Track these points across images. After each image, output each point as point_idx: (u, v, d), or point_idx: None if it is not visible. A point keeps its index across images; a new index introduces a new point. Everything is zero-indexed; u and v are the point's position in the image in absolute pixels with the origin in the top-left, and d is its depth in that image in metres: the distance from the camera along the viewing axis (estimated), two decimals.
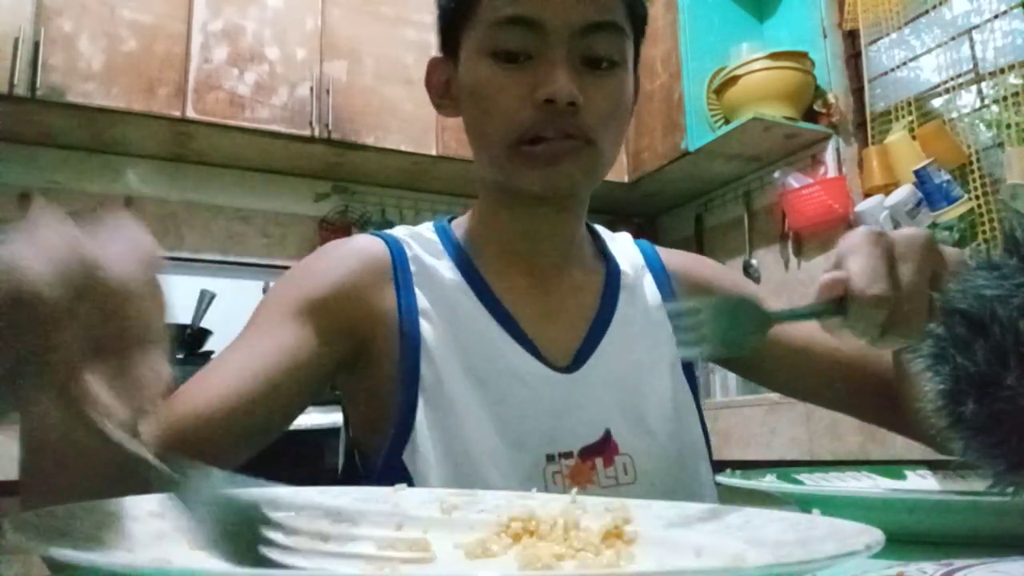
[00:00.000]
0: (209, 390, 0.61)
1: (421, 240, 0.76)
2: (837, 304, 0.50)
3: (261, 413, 0.63)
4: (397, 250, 0.74)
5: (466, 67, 0.71)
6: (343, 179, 2.88)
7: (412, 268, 0.73)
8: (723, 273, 0.88)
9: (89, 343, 0.29)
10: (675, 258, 0.86)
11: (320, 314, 0.68)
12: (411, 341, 0.69)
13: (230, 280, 2.64)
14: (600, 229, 0.86)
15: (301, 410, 0.69)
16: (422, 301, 0.71)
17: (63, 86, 2.21)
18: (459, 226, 0.80)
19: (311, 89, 2.51)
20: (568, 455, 0.69)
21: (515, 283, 0.75)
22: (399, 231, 0.78)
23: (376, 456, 0.70)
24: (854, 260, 0.51)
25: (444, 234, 0.78)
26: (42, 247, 0.28)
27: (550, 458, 0.68)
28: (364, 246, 0.74)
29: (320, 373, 0.69)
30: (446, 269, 0.74)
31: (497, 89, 0.68)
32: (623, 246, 0.84)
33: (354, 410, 0.77)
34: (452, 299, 0.72)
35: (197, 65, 2.39)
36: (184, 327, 2.27)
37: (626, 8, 0.70)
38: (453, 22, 0.73)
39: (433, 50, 0.79)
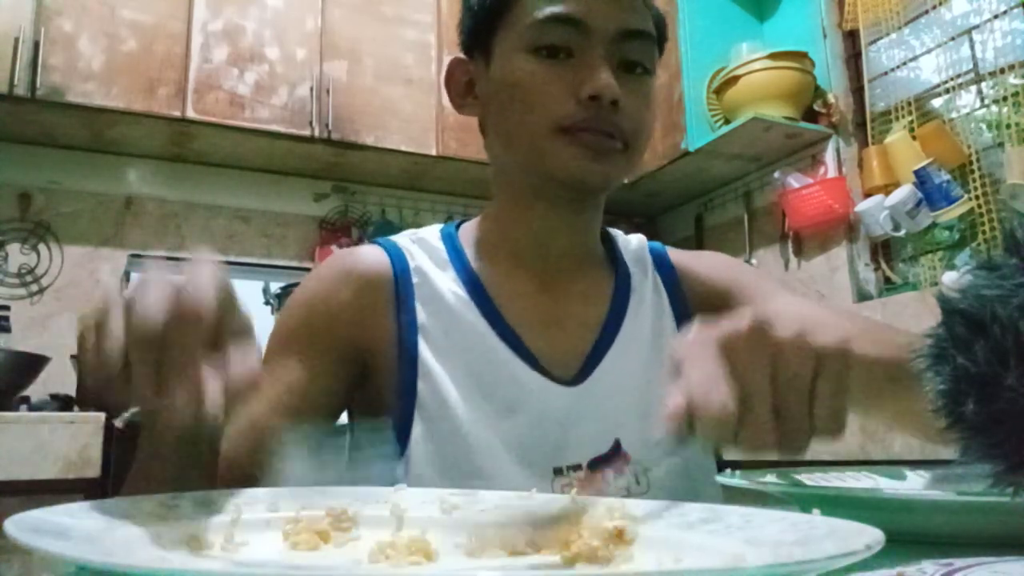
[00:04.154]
0: (232, 425, 0.66)
1: (427, 247, 0.76)
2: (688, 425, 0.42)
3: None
4: (399, 262, 0.73)
5: (502, 63, 0.72)
6: (343, 179, 2.88)
7: (414, 280, 0.73)
8: (725, 267, 0.84)
9: (193, 349, 0.40)
10: (684, 257, 0.84)
11: (323, 342, 0.70)
12: (409, 358, 0.69)
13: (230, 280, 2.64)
14: (616, 233, 0.85)
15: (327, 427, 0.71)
16: (421, 316, 0.71)
17: (63, 86, 2.21)
18: (467, 232, 0.79)
19: (311, 89, 2.51)
20: (576, 467, 0.68)
21: (521, 291, 0.74)
22: (404, 237, 0.77)
23: None
24: (690, 370, 0.42)
25: (450, 241, 0.77)
26: (148, 298, 0.40)
27: (557, 471, 0.68)
28: (364, 264, 0.73)
29: (332, 399, 0.71)
30: (449, 281, 0.73)
31: (540, 82, 0.69)
32: (635, 249, 0.83)
33: (357, 417, 0.77)
34: (454, 313, 0.72)
35: (197, 65, 2.39)
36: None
37: (652, 23, 0.73)
38: (487, 20, 0.73)
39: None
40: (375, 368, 0.71)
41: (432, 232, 0.79)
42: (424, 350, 0.70)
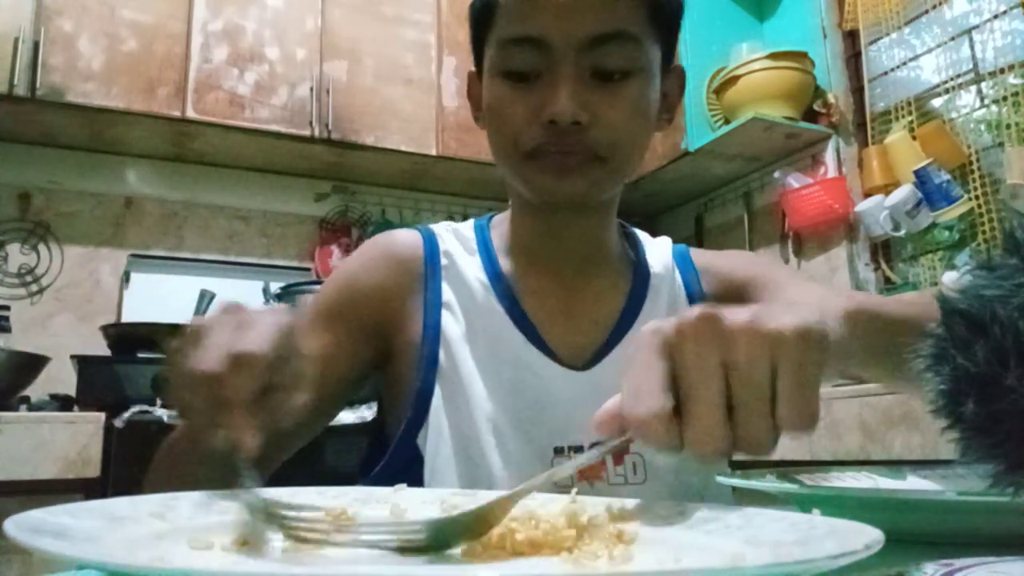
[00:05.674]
0: None
1: (460, 236, 0.80)
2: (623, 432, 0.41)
3: (301, 414, 0.69)
4: (430, 244, 0.78)
5: (485, 85, 0.74)
6: (343, 179, 2.88)
7: (443, 261, 0.77)
8: (745, 263, 0.84)
9: (240, 395, 0.42)
10: (705, 256, 0.85)
11: (352, 320, 0.74)
12: (432, 330, 0.74)
13: (230, 280, 2.64)
14: (640, 234, 0.86)
15: (341, 406, 0.77)
16: (446, 293, 0.75)
17: (63, 86, 2.21)
18: (496, 224, 0.83)
19: (311, 89, 2.51)
20: (579, 449, 0.70)
21: (538, 283, 0.77)
22: (440, 226, 0.82)
23: (394, 437, 0.73)
24: (626, 378, 0.41)
25: (481, 232, 0.81)
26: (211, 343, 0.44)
27: (558, 450, 0.70)
28: (398, 245, 0.79)
29: (355, 373, 0.75)
30: (474, 266, 0.77)
31: (507, 107, 0.70)
32: (659, 249, 0.84)
33: (384, 395, 0.81)
34: (475, 295, 0.75)
35: (197, 65, 2.39)
36: (184, 327, 2.27)
37: (646, 11, 0.69)
38: (477, 40, 0.75)
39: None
40: (400, 344, 0.75)
41: (468, 224, 0.84)
42: (447, 323, 0.74)
